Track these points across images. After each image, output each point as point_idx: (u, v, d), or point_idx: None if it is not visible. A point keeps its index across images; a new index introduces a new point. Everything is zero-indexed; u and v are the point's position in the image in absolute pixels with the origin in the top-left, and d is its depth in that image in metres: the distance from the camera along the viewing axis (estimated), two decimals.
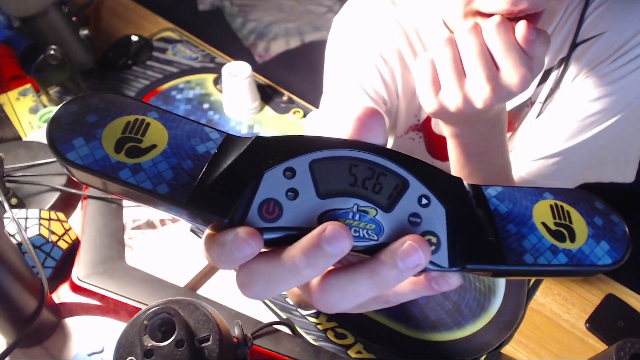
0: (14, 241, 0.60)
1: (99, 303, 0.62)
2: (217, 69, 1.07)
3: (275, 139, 0.23)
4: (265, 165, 0.22)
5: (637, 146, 0.67)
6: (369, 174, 0.23)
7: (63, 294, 0.63)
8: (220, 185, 0.22)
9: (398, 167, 0.24)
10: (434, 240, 0.23)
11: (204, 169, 0.22)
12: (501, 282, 0.72)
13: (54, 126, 0.22)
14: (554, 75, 0.64)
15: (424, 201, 0.24)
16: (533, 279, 0.72)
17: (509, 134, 0.74)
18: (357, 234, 0.23)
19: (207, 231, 0.22)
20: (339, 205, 0.23)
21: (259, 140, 0.23)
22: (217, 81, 1.05)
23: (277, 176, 0.22)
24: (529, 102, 0.68)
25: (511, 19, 0.45)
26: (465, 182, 0.25)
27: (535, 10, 0.45)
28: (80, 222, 0.72)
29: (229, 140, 0.23)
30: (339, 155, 0.23)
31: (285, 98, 1.01)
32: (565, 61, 0.61)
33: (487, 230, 0.24)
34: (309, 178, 0.23)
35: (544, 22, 0.48)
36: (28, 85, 0.99)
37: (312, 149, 0.23)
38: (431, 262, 0.23)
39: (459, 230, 0.24)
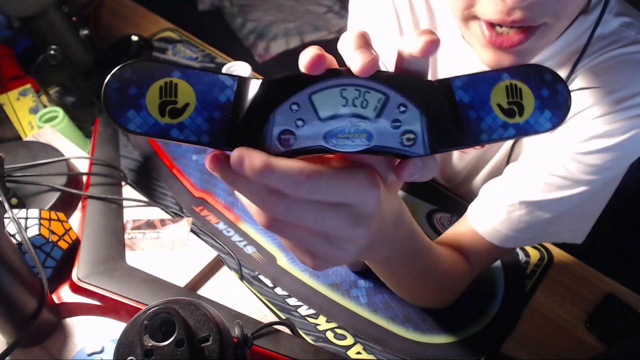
0: (14, 241, 0.60)
1: (99, 303, 0.62)
2: (217, 69, 1.07)
3: (278, 80, 0.28)
4: (276, 104, 0.28)
5: (599, 208, 0.65)
6: (357, 94, 0.29)
7: (63, 294, 0.63)
8: (246, 127, 0.28)
9: (378, 84, 0.29)
10: (412, 136, 0.29)
11: (230, 116, 0.28)
12: (501, 284, 0.72)
13: (109, 104, 0.27)
14: None
15: (402, 108, 0.29)
16: (531, 282, 0.72)
17: (478, 148, 0.71)
18: (353, 143, 0.29)
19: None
20: (337, 125, 0.28)
21: (266, 83, 0.28)
22: None
23: (286, 111, 0.28)
24: None
25: (504, 30, 0.46)
26: (434, 82, 0.30)
27: (528, 23, 0.45)
28: (80, 222, 0.72)
29: (241, 84, 0.28)
30: (330, 84, 0.28)
31: None
32: None
33: (452, 121, 0.30)
34: (310, 108, 0.28)
35: (538, 40, 0.47)
36: (28, 85, 0.99)
37: (308, 83, 0.28)
38: (411, 152, 0.30)
39: (431, 125, 0.30)
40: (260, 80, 0.28)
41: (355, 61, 0.28)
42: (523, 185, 0.58)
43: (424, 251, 0.50)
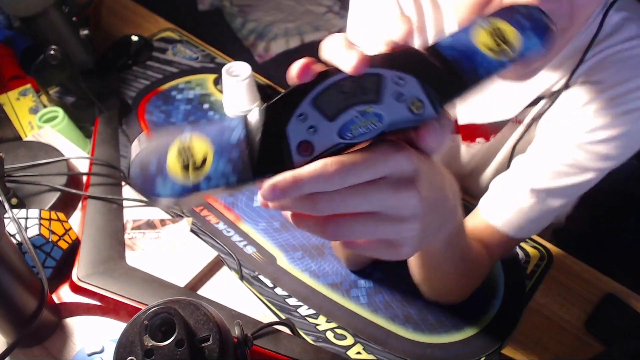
0: (14, 241, 0.60)
1: (99, 303, 0.62)
2: (217, 69, 1.07)
3: (278, 100, 0.30)
4: (284, 121, 0.29)
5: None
6: (354, 84, 0.30)
7: (63, 294, 0.63)
8: (266, 153, 0.29)
9: (369, 68, 0.29)
10: (419, 103, 0.30)
11: (247, 151, 0.29)
12: (501, 284, 0.72)
13: (137, 181, 0.29)
14: (542, 103, 0.63)
15: (400, 81, 0.30)
16: (533, 279, 0.73)
17: (483, 142, 0.72)
18: (368, 129, 0.30)
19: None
20: (346, 118, 0.30)
21: (268, 107, 0.30)
22: (217, 81, 1.05)
23: (295, 124, 0.29)
24: (514, 119, 0.67)
25: None
26: (420, 50, 0.32)
27: None
28: (80, 222, 0.72)
29: (247, 119, 0.30)
30: (327, 84, 0.30)
31: None
32: (556, 95, 0.60)
33: (449, 75, 0.31)
34: (316, 112, 0.29)
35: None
36: (28, 85, 0.99)
37: (307, 92, 0.29)
38: (425, 117, 0.30)
39: (431, 85, 0.31)
40: (262, 107, 0.30)
41: (345, 63, 0.29)
42: (533, 175, 0.60)
43: (463, 233, 0.51)
